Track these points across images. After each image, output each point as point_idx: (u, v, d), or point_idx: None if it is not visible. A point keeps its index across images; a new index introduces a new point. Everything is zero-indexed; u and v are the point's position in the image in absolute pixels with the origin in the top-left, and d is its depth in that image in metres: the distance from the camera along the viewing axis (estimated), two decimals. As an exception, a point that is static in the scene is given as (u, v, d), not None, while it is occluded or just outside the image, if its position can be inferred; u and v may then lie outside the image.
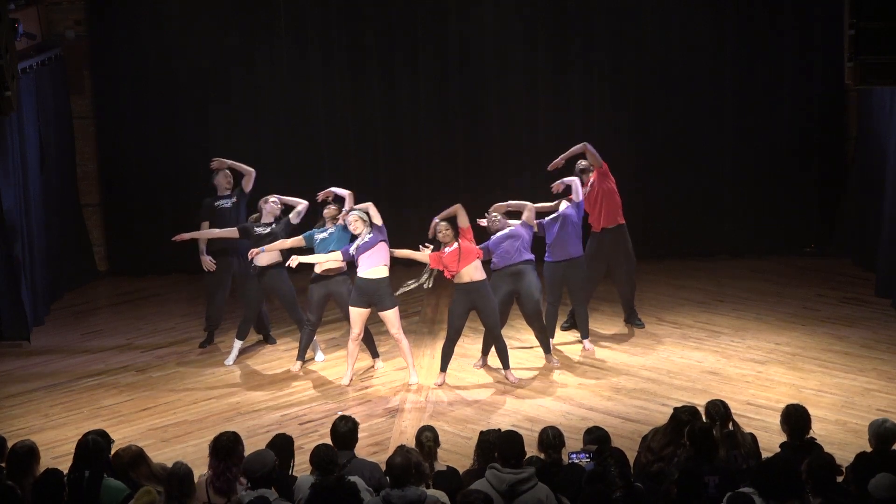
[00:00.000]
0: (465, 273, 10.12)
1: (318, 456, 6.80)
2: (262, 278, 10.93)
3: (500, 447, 6.76)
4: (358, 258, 10.28)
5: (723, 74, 13.72)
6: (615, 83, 13.75)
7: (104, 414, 10.02)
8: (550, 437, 7.19)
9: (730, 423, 7.37)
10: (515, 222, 10.54)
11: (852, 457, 7.08)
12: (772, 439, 7.91)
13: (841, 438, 8.77)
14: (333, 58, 13.76)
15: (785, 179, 13.83)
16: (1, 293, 11.61)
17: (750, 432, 7.54)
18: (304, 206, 10.96)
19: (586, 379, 10.44)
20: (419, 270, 10.27)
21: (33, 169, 12.49)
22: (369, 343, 10.83)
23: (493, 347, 10.45)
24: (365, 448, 8.61)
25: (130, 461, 7.02)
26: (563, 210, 10.83)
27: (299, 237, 10.69)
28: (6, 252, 11.60)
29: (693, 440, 6.90)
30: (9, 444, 7.22)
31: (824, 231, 13.92)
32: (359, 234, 10.29)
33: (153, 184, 13.98)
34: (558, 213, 10.81)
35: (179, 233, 11.20)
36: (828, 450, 7.08)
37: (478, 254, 10.17)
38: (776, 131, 13.78)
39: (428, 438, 7.47)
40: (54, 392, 10.60)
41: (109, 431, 7.55)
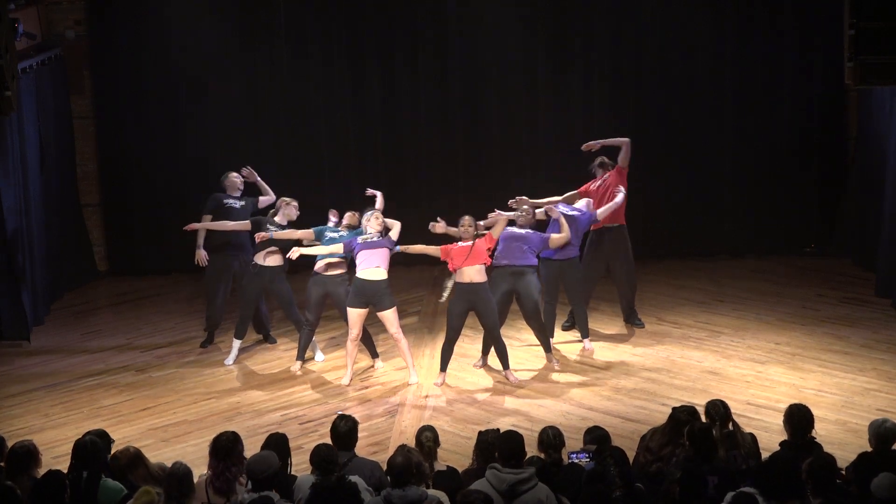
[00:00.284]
0: (467, 273, 10.12)
1: (319, 456, 6.79)
2: (261, 278, 10.93)
3: (501, 447, 6.75)
4: (358, 253, 10.27)
5: (723, 74, 13.71)
6: (615, 83, 13.75)
7: (104, 414, 10.01)
8: (550, 437, 7.19)
9: (730, 423, 7.36)
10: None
11: (852, 457, 7.08)
12: (772, 439, 7.90)
13: (841, 438, 8.76)
14: (333, 58, 13.75)
15: (785, 179, 13.83)
16: (1, 293, 11.60)
17: (750, 432, 7.53)
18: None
19: (586, 379, 10.44)
20: (420, 270, 10.26)
21: (33, 169, 12.48)
22: (368, 343, 10.82)
23: (493, 348, 10.46)
24: (365, 448, 8.61)
25: (128, 463, 7.01)
26: (578, 214, 10.83)
27: (309, 230, 10.68)
28: (6, 252, 11.60)
29: (692, 440, 6.89)
30: (9, 444, 7.22)
31: (824, 231, 13.92)
32: (369, 233, 10.29)
33: (153, 184, 13.97)
34: (572, 215, 10.81)
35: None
36: (828, 450, 7.08)
37: (486, 260, 10.16)
38: (776, 131, 13.78)
39: (428, 438, 7.47)
40: (54, 392, 10.59)
41: (109, 431, 7.58)
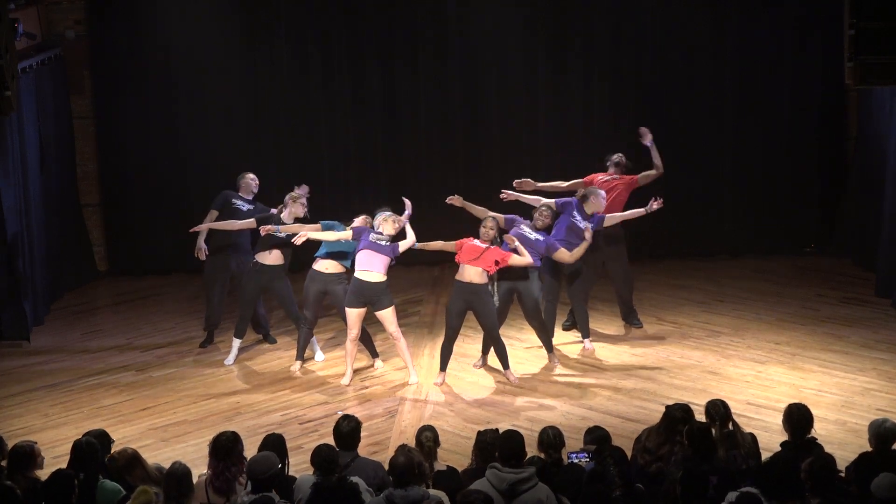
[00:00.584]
0: (468, 272, 10.11)
1: (319, 456, 6.79)
2: (261, 276, 10.92)
3: (501, 447, 6.76)
4: (362, 250, 10.24)
5: (723, 74, 13.71)
6: (615, 83, 13.75)
7: (104, 414, 10.01)
8: (550, 437, 7.19)
9: (729, 423, 7.36)
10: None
11: (852, 457, 7.09)
12: (772, 439, 7.91)
13: (841, 438, 8.76)
14: (333, 58, 13.74)
15: (785, 179, 13.82)
16: (1, 293, 11.60)
17: (750, 432, 7.53)
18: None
19: (586, 379, 10.44)
20: (419, 270, 10.25)
21: (33, 169, 12.48)
22: (367, 343, 10.82)
23: (493, 348, 10.46)
24: (365, 448, 8.58)
25: (126, 464, 7.00)
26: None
27: (317, 224, 10.66)
28: (6, 252, 11.59)
29: (691, 440, 6.89)
30: (9, 444, 7.22)
31: (824, 231, 13.92)
32: (380, 233, 10.28)
33: (153, 184, 13.96)
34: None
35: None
36: (828, 450, 7.08)
37: (490, 268, 10.14)
38: (776, 131, 13.77)
39: (428, 438, 7.47)
40: (54, 392, 10.59)
41: (109, 431, 7.58)
